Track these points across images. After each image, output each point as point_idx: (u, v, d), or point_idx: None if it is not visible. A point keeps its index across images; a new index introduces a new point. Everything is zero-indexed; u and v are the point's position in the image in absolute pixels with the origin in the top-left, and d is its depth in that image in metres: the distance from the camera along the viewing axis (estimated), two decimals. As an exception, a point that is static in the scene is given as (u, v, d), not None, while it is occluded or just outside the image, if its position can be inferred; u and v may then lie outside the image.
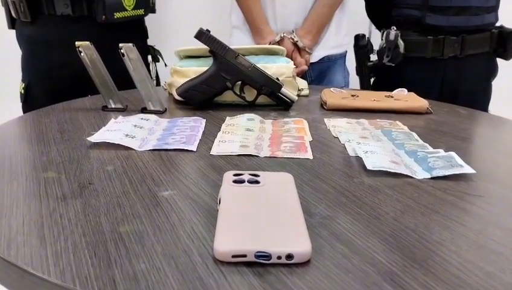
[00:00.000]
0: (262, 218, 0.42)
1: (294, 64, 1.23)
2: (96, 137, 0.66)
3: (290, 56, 1.25)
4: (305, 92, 1.08)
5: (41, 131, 0.74)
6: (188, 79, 0.91)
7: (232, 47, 0.92)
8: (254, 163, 0.61)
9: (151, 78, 1.11)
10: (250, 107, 0.92)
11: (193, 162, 0.61)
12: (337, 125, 0.80)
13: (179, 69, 0.94)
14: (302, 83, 1.10)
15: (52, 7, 1.25)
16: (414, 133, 0.76)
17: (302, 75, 1.25)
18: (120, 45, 0.83)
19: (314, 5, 1.25)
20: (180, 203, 0.48)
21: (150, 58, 1.48)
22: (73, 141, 0.69)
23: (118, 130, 0.70)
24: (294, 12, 1.27)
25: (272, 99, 0.92)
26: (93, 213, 0.45)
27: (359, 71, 1.43)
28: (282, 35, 1.24)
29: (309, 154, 0.64)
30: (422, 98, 0.96)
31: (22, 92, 1.36)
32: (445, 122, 0.87)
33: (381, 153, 0.62)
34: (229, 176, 0.51)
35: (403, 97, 0.96)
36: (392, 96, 0.97)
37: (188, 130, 0.74)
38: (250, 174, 0.51)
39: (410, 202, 0.50)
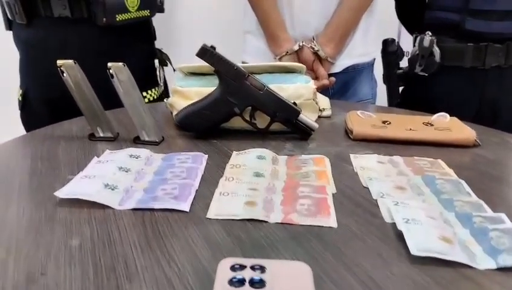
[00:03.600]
0: None
1: (316, 77, 1.10)
2: (66, 191, 0.53)
3: (310, 68, 1.11)
4: (327, 112, 0.94)
5: (7, 173, 0.62)
6: (189, 103, 0.78)
7: (242, 65, 0.78)
8: (261, 234, 0.47)
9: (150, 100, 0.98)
10: (261, 134, 0.78)
11: (183, 232, 0.47)
12: (366, 167, 0.66)
13: (180, 89, 0.81)
14: (324, 102, 0.96)
15: (49, 8, 1.13)
16: (463, 182, 0.61)
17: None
18: (109, 64, 0.70)
19: (338, 8, 1.10)
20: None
21: (156, 62, 1.36)
22: (41, 191, 0.56)
23: (98, 176, 0.57)
24: (314, 17, 1.12)
25: (287, 127, 0.78)
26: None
27: (387, 79, 1.27)
28: (301, 44, 1.09)
29: (332, 220, 0.50)
30: (467, 127, 0.81)
31: (20, 98, 1.26)
32: (499, 162, 0.71)
33: (427, 224, 0.47)
34: (225, 268, 0.38)
35: (445, 125, 0.81)
36: (431, 124, 0.82)
37: (184, 173, 0.61)
38: (254, 267, 0.38)
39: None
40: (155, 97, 1.33)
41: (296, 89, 0.81)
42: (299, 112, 0.76)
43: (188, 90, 0.80)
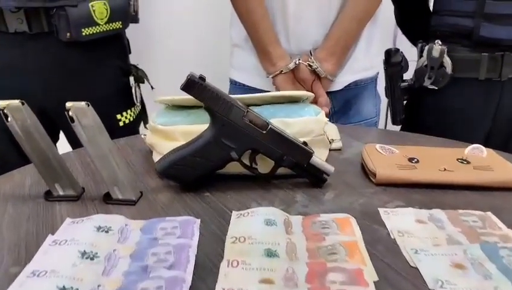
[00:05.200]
0: None
1: (316, 97, 0.95)
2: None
3: (308, 87, 0.96)
4: (337, 144, 0.79)
5: None
6: (173, 144, 0.62)
7: (238, 96, 0.63)
8: None
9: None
10: (264, 180, 0.64)
11: None
12: (405, 231, 0.52)
13: (161, 128, 0.65)
14: (332, 131, 0.81)
15: (3, 23, 0.96)
16: (534, 253, 0.47)
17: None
18: (67, 105, 0.54)
19: (339, 18, 0.95)
20: None
21: (132, 80, 1.19)
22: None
23: (51, 272, 0.41)
24: (312, 28, 0.97)
25: (296, 172, 0.63)
26: None
27: (390, 93, 1.12)
28: (297, 62, 0.94)
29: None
30: (508, 163, 0.67)
31: None
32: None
33: None
34: None
35: (483, 162, 0.67)
36: (467, 161, 0.68)
37: (170, 257, 0.45)
38: None
39: None
40: (131, 119, 1.17)
41: (305, 123, 0.66)
42: (311, 154, 0.62)
43: (172, 130, 0.64)
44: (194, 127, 0.63)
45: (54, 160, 0.57)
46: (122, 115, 1.14)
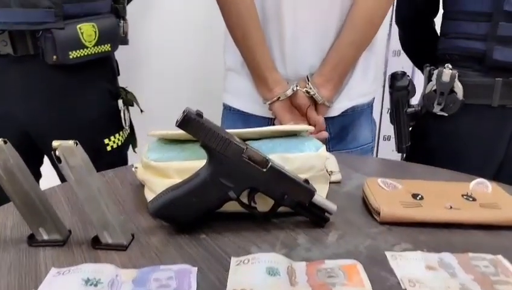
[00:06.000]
0: None
1: (309, 124, 0.93)
2: None
3: (304, 113, 0.94)
4: (337, 176, 0.76)
5: None
6: (167, 182, 0.59)
7: (236, 131, 0.60)
8: None
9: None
10: (263, 219, 0.60)
11: None
12: (416, 280, 0.49)
13: (154, 164, 0.61)
14: (331, 162, 0.78)
15: None
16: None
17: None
18: (54, 144, 0.50)
19: (336, 43, 0.93)
20: None
21: (120, 103, 1.15)
22: None
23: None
24: (308, 52, 0.95)
25: (297, 211, 0.60)
26: None
27: (395, 120, 1.06)
28: (295, 88, 0.91)
29: None
30: (516, 199, 0.65)
31: None
32: None
33: None
34: None
35: (489, 199, 0.65)
36: (473, 198, 0.65)
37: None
38: None
39: None
40: (119, 143, 1.12)
41: (306, 159, 0.63)
42: (313, 193, 0.58)
43: (165, 167, 0.60)
44: (189, 163, 0.60)
45: (38, 202, 0.52)
46: (110, 140, 1.10)
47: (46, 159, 1.10)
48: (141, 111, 1.22)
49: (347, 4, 0.91)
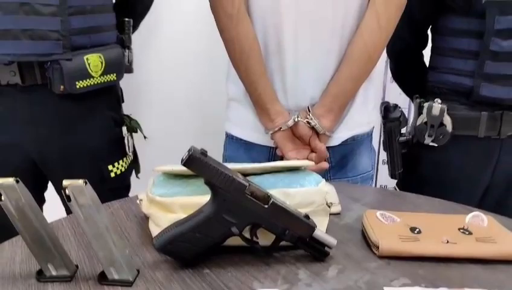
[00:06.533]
0: None
1: (311, 151, 0.95)
2: None
3: (306, 143, 0.96)
4: (336, 208, 0.78)
5: None
6: (172, 216, 0.61)
7: (238, 167, 0.62)
8: None
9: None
10: (265, 253, 0.62)
11: None
12: (414, 317, 0.50)
13: (159, 200, 0.63)
14: (331, 194, 0.80)
15: None
16: None
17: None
18: (65, 183, 0.52)
19: (336, 76, 0.96)
20: None
21: (125, 130, 1.17)
22: None
23: None
24: (309, 83, 0.97)
25: (298, 246, 0.62)
26: None
27: (388, 148, 1.12)
28: (296, 119, 0.94)
29: None
30: (510, 234, 0.67)
31: None
32: None
33: None
34: None
35: (485, 233, 0.67)
36: (469, 231, 0.67)
37: None
38: None
39: None
40: (123, 170, 1.14)
41: (307, 194, 0.65)
42: (313, 229, 0.60)
43: (170, 202, 0.62)
44: (193, 198, 0.62)
45: (47, 239, 0.54)
46: (114, 166, 1.12)
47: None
48: (144, 137, 1.25)
49: (347, 37, 0.94)
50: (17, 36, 0.89)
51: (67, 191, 0.52)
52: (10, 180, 0.52)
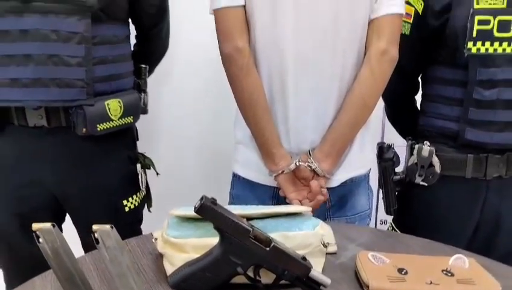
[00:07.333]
0: None
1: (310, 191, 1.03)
2: None
3: (307, 184, 1.04)
4: (333, 248, 0.85)
5: None
6: (185, 256, 0.69)
7: (242, 212, 0.70)
8: None
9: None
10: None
11: None
12: None
13: (173, 241, 0.71)
14: (328, 234, 0.88)
15: (24, 118, 1.04)
16: None
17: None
18: (94, 227, 0.60)
19: (334, 123, 1.05)
20: None
21: (139, 167, 1.26)
22: None
23: None
24: (310, 128, 1.06)
25: (295, 284, 0.69)
26: None
27: (383, 185, 1.21)
28: (297, 163, 1.02)
29: None
30: (490, 276, 0.74)
31: None
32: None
33: None
34: None
35: (466, 275, 0.74)
36: (451, 273, 0.74)
37: None
38: None
39: None
40: (136, 204, 1.23)
41: (305, 237, 0.73)
42: (309, 269, 0.68)
43: (183, 243, 0.71)
44: (203, 240, 0.70)
45: (77, 278, 0.62)
46: (128, 201, 1.20)
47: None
48: (157, 174, 1.34)
49: (345, 86, 1.03)
50: (46, 84, 0.98)
51: (96, 235, 0.60)
52: (48, 225, 0.60)
